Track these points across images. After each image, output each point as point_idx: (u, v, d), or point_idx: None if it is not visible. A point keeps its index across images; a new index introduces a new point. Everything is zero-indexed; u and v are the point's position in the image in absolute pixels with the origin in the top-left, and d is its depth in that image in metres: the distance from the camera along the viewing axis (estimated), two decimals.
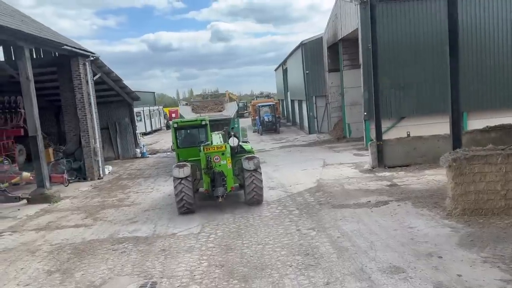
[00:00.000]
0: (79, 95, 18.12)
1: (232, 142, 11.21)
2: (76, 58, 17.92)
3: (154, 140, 37.32)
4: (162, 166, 20.83)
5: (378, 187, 11.98)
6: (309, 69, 29.11)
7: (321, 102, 29.36)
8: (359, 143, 22.24)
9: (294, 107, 39.92)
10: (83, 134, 18.28)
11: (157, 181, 16.68)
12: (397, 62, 19.62)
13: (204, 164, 10.79)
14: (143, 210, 12.06)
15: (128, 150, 25.33)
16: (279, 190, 12.98)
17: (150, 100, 58.94)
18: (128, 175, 18.99)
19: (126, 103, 25.27)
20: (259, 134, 33.68)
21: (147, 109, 44.41)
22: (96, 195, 14.88)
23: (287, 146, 24.82)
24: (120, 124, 25.37)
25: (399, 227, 8.41)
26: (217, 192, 10.66)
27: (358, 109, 23.94)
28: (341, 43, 23.81)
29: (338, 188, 12.28)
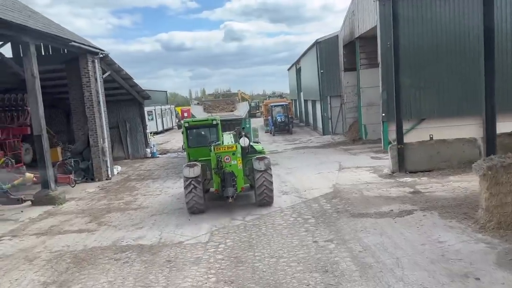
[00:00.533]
0: (87, 93, 17.63)
1: (243, 142, 11.07)
2: (84, 55, 17.44)
3: (165, 140, 36.87)
4: (172, 167, 20.25)
5: (400, 194, 11.17)
6: (324, 68, 28.28)
7: (335, 102, 28.51)
8: (375, 145, 21.38)
9: (308, 107, 39.10)
10: (91, 133, 17.79)
11: (166, 183, 16.08)
12: (417, 61, 18.72)
13: (215, 164, 10.67)
14: (149, 214, 11.45)
15: (138, 150, 24.85)
16: (293, 195, 12.26)
17: (162, 99, 58.64)
18: (136, 176, 18.45)
19: (137, 102, 24.77)
20: (271, 135, 32.97)
21: (159, 108, 44.02)
22: (102, 197, 14.34)
23: (301, 147, 24.06)
24: (130, 123, 24.89)
25: (427, 241, 7.62)
26: (227, 192, 10.51)
27: (375, 110, 23.09)
28: (358, 41, 22.96)
29: (357, 195, 11.50)
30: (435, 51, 18.85)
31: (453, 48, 18.79)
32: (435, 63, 18.86)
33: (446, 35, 18.79)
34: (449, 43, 18.78)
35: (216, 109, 20.91)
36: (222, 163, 10.62)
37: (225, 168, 10.63)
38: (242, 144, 11.08)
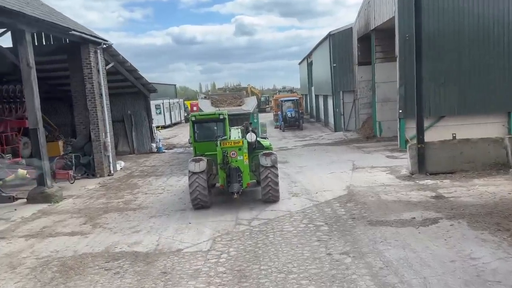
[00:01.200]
0: (89, 85, 16.85)
1: (249, 138, 10.91)
2: (86, 45, 16.64)
3: (173, 134, 36.14)
4: (177, 163, 19.45)
5: (422, 199, 10.18)
6: (337, 62, 27.18)
7: (348, 97, 27.43)
8: (391, 143, 20.32)
9: (319, 102, 38.01)
10: (92, 127, 17.03)
11: (169, 180, 15.27)
12: (436, 54, 17.60)
13: (220, 159, 10.47)
14: (149, 216, 10.63)
15: (143, 145, 24.11)
16: (303, 197, 11.34)
17: (171, 92, 57.97)
18: (140, 172, 17.67)
19: (142, 95, 23.99)
20: (281, 131, 32.01)
21: (167, 101, 43.27)
22: (101, 195, 13.57)
23: (311, 144, 23.09)
24: (136, 117, 24.13)
25: (458, 257, 6.66)
26: (232, 188, 10.34)
27: (391, 106, 22.01)
28: (374, 34, 21.84)
29: (373, 198, 10.54)
30: (457, 44, 17.73)
31: (476, 40, 17.66)
32: (456, 56, 17.75)
33: (468, 26, 17.65)
34: (471, 35, 17.66)
35: (223, 103, 20.29)
36: (228, 158, 10.38)
37: (231, 163, 10.39)
38: (249, 139, 10.88)
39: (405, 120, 18.01)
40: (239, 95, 22.92)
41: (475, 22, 17.57)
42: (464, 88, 17.76)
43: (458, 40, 17.64)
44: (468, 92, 17.71)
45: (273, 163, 10.36)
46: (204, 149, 11.60)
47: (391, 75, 21.63)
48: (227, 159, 10.40)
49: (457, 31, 17.66)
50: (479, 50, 17.63)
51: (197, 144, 11.88)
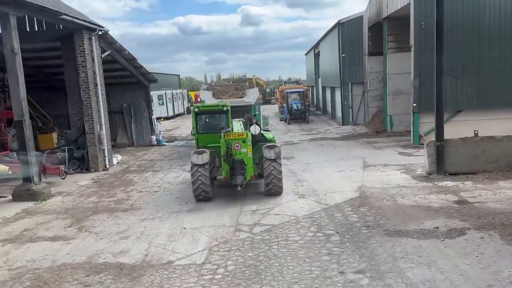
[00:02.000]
0: (83, 74, 15.85)
1: (253, 130, 10.79)
2: (80, 31, 15.61)
3: (175, 126, 35.17)
4: (177, 157, 18.48)
5: (443, 203, 9.12)
6: (346, 52, 25.96)
7: (357, 90, 26.25)
8: (402, 138, 19.22)
9: (326, 94, 36.83)
10: (86, 119, 16.06)
11: (167, 177, 14.30)
12: (453, 43, 16.37)
13: (224, 152, 10.35)
14: (140, 219, 9.66)
15: (143, 137, 23.15)
16: (310, 199, 10.32)
17: (174, 83, 56.92)
18: (137, 167, 16.72)
19: (142, 85, 22.97)
20: (286, 123, 30.93)
21: (170, 92, 42.22)
22: (93, 193, 12.63)
23: (318, 138, 22.01)
24: (135, 108, 23.16)
25: (496, 282, 5.64)
26: (236, 180, 10.19)
27: (403, 99, 20.88)
28: (386, 22, 20.60)
29: (389, 202, 9.50)
30: (476, 32, 16.49)
31: (497, 31, 16.42)
32: (475, 48, 16.53)
33: (490, 13, 16.38)
34: (493, 23, 16.41)
35: (225, 95, 19.53)
36: (232, 151, 10.28)
37: (234, 155, 10.28)
38: (253, 132, 10.76)
39: (419, 114, 16.89)
40: (242, 86, 22.08)
41: (497, 14, 16.32)
42: (483, 81, 16.57)
43: (477, 29, 16.41)
44: (488, 85, 16.53)
45: (277, 156, 10.26)
46: (206, 141, 11.40)
47: (404, 66, 20.45)
48: (231, 152, 10.26)
49: (477, 19, 16.42)
50: (502, 40, 16.39)
51: (199, 135, 11.68)
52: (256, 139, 10.94)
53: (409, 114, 20.54)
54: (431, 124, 17.09)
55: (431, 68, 16.49)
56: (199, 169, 10.18)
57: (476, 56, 16.49)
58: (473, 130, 16.55)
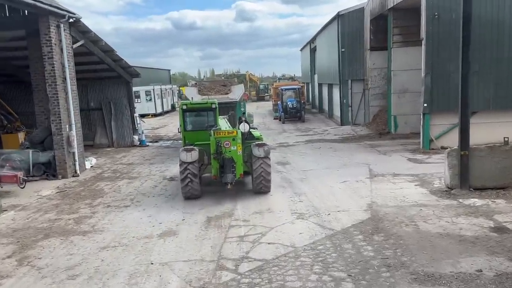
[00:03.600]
0: (49, 67, 13.82)
1: (243, 128, 10.78)
2: (45, 18, 13.57)
3: (162, 123, 33.14)
4: (159, 161, 16.53)
5: (478, 231, 7.30)
6: (346, 46, 24.08)
7: (357, 87, 24.39)
8: (408, 141, 17.44)
9: (322, 92, 34.97)
10: (53, 118, 14.05)
11: (143, 187, 12.37)
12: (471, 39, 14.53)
13: (214, 149, 10.26)
14: (99, 247, 7.74)
15: (124, 137, 21.16)
16: (311, 221, 8.46)
17: (164, 78, 54.78)
18: (112, 173, 14.75)
19: (123, 80, 20.99)
20: (280, 122, 29.04)
21: (158, 88, 40.10)
22: (53, 207, 10.67)
23: (315, 140, 20.16)
24: (116, 105, 21.16)
25: None
26: (226, 178, 10.12)
27: (409, 98, 19.12)
28: (392, 13, 18.75)
29: (409, 229, 7.67)
30: (495, 29, 14.68)
31: None
32: (495, 43, 14.72)
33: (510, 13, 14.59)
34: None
35: (211, 91, 18.53)
36: (221, 149, 10.19)
37: (224, 153, 10.20)
38: (242, 129, 10.74)
39: (430, 115, 15.09)
40: (230, 82, 20.97)
41: None
42: (502, 79, 14.80)
43: (497, 25, 14.58)
44: (507, 84, 14.76)
45: (266, 154, 10.22)
46: (194, 139, 11.27)
47: (411, 62, 18.72)
48: (220, 149, 10.16)
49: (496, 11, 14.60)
50: None
51: (186, 133, 11.61)
52: (245, 137, 10.83)
53: (415, 114, 18.84)
54: (443, 127, 15.41)
55: (445, 64, 14.90)
56: (189, 167, 10.05)
57: (495, 54, 14.68)
58: (489, 133, 14.88)
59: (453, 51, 14.65)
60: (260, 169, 10.18)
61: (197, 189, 10.28)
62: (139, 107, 37.44)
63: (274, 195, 10.57)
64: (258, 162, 10.17)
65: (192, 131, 11.60)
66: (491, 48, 14.74)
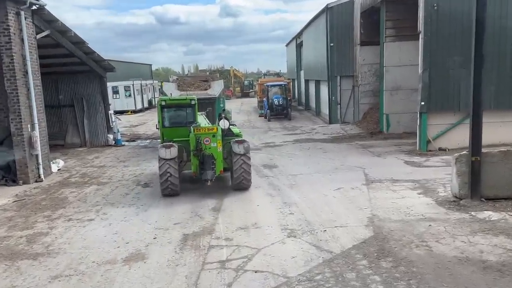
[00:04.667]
0: (7, 59, 12.28)
1: (223, 124, 10.72)
2: (2, 4, 12.02)
3: (142, 121, 31.57)
4: (134, 163, 15.12)
5: (502, 255, 6.18)
6: (335, 41, 22.95)
7: (346, 84, 23.33)
8: (402, 142, 16.44)
9: (309, 88, 33.89)
10: (13, 116, 12.52)
11: (113, 194, 10.99)
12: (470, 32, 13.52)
13: (194, 146, 10.21)
14: (50, 276, 6.37)
15: (97, 135, 19.67)
16: (305, 240, 7.24)
17: (145, 73, 52.94)
18: (80, 177, 13.31)
19: (96, 74, 19.42)
20: (266, 120, 27.82)
21: (138, 83, 38.40)
22: (5, 221, 9.22)
23: (304, 140, 18.99)
24: (88, 102, 19.62)
25: None
26: (206, 175, 10.05)
27: (402, 96, 18.12)
28: (384, 5, 17.63)
29: (421, 251, 6.51)
30: (498, 22, 13.65)
31: None
32: (497, 37, 13.70)
33: None
34: None
35: (191, 87, 17.95)
36: (201, 145, 10.12)
37: (204, 150, 10.14)
38: (222, 126, 10.68)
39: (427, 114, 14.05)
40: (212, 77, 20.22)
41: None
42: (504, 77, 13.84)
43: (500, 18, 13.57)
44: (510, 82, 13.81)
45: (246, 151, 10.19)
46: (172, 135, 11.11)
47: (404, 57, 17.70)
48: (200, 146, 10.09)
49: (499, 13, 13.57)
50: None
51: (165, 129, 11.53)
52: (224, 133, 10.71)
53: (408, 113, 17.91)
54: (440, 127, 14.41)
55: (444, 59, 13.85)
56: (168, 163, 9.91)
57: (497, 49, 13.68)
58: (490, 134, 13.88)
59: (453, 45, 13.72)
60: (241, 166, 10.15)
61: (177, 186, 10.13)
62: (118, 103, 36.00)
63: (261, 206, 9.35)
64: (238, 159, 10.14)
65: (170, 127, 11.50)
66: (492, 44, 13.70)
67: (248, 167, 10.27)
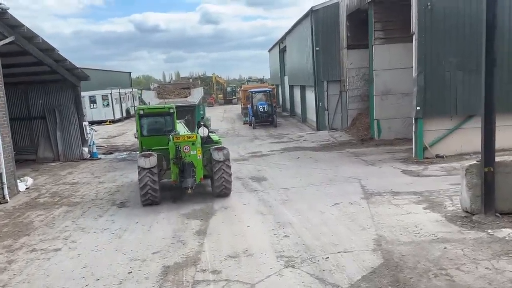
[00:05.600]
0: None
1: (202, 132, 10.82)
2: None
3: (121, 131, 30.22)
4: (110, 179, 13.93)
5: None
6: (320, 45, 22.18)
7: (333, 89, 22.54)
8: (394, 149, 15.69)
9: (294, 94, 33.13)
10: None
11: (84, 218, 9.82)
12: (467, 32, 12.90)
13: (173, 154, 10.18)
14: None
15: (71, 149, 18.36)
16: (305, 270, 6.26)
17: (124, 81, 51.45)
18: (50, 197, 12.07)
19: (70, 84, 18.17)
20: (251, 128, 26.84)
21: (117, 92, 36.99)
22: None
23: (292, 148, 18.06)
24: (61, 113, 18.32)
25: None
26: (186, 183, 10.03)
27: (392, 100, 17.44)
28: (373, 7, 16.92)
29: (442, 282, 5.59)
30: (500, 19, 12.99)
31: None
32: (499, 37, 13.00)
33: None
34: None
35: (171, 94, 17.85)
36: (181, 153, 10.09)
37: (184, 158, 10.10)
38: (201, 134, 10.77)
39: (423, 120, 13.29)
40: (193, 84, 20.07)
41: None
42: (504, 79, 13.16)
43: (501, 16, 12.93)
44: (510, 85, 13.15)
45: (226, 158, 10.29)
46: (151, 144, 11.12)
47: (394, 60, 17.03)
48: (180, 154, 10.06)
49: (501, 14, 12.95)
50: None
51: (144, 138, 11.50)
52: (203, 141, 10.75)
53: (399, 118, 17.26)
54: (437, 133, 13.67)
55: (439, 61, 13.14)
56: (147, 173, 9.88)
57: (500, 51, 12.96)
58: None
59: (449, 46, 13.03)
60: (221, 173, 10.22)
61: (157, 195, 10.09)
62: (96, 113, 34.59)
63: (252, 227, 8.35)
64: (218, 166, 10.21)
65: (149, 136, 11.46)
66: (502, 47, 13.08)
67: (228, 174, 10.33)
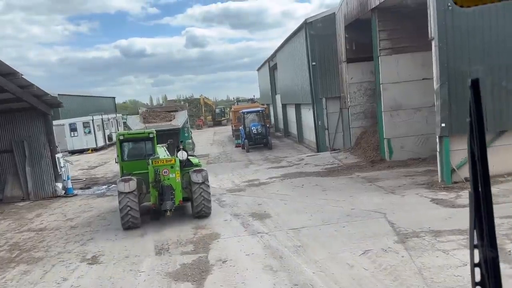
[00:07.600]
0: None
1: (181, 156, 10.83)
2: None
3: (103, 160, 27.91)
4: (84, 223, 11.74)
5: None
6: (316, 60, 20.52)
7: (333, 106, 20.82)
8: (411, 171, 13.86)
9: (287, 113, 31.39)
10: None
11: (45, 281, 7.63)
12: (493, 33, 11.25)
13: (152, 178, 10.32)
14: None
15: (43, 185, 16.17)
16: None
17: (108, 107, 49.31)
18: (7, 250, 9.86)
19: (40, 112, 16.05)
20: (244, 151, 24.85)
21: (99, 118, 34.81)
22: None
23: (293, 174, 16.07)
24: (31, 145, 16.15)
25: None
26: (165, 206, 10.14)
27: (404, 117, 15.68)
28: (376, 15, 15.30)
29: None
30: None
31: None
32: None
33: None
34: None
35: (156, 118, 17.84)
36: (160, 177, 10.22)
37: (163, 181, 10.23)
38: (180, 157, 10.78)
39: (450, 138, 11.46)
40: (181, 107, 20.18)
41: None
42: None
43: None
44: None
45: (204, 179, 10.48)
46: (131, 168, 11.30)
47: (403, 72, 15.36)
48: (159, 177, 10.20)
49: None
50: None
51: (124, 163, 11.69)
52: (183, 164, 10.87)
53: (412, 136, 15.51)
54: (464, 152, 11.77)
55: (464, 70, 11.42)
56: (127, 197, 10.04)
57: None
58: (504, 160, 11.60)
59: (473, 51, 11.32)
60: (200, 194, 10.43)
61: (137, 219, 10.24)
62: (77, 142, 32.44)
63: None
64: (198, 188, 10.42)
65: (130, 161, 11.64)
66: None
67: (207, 195, 10.55)
